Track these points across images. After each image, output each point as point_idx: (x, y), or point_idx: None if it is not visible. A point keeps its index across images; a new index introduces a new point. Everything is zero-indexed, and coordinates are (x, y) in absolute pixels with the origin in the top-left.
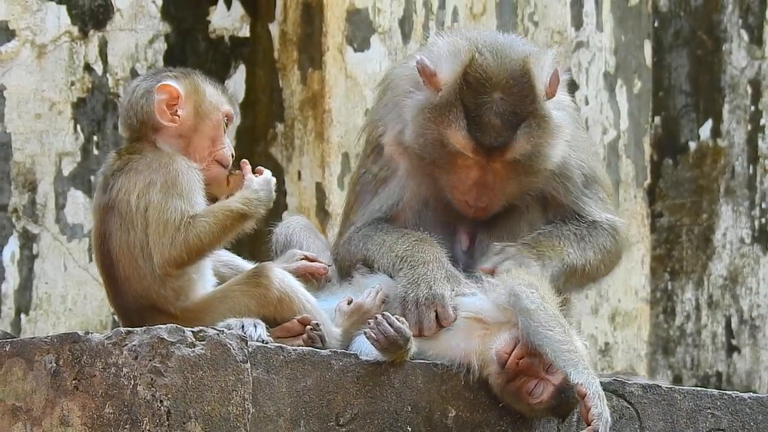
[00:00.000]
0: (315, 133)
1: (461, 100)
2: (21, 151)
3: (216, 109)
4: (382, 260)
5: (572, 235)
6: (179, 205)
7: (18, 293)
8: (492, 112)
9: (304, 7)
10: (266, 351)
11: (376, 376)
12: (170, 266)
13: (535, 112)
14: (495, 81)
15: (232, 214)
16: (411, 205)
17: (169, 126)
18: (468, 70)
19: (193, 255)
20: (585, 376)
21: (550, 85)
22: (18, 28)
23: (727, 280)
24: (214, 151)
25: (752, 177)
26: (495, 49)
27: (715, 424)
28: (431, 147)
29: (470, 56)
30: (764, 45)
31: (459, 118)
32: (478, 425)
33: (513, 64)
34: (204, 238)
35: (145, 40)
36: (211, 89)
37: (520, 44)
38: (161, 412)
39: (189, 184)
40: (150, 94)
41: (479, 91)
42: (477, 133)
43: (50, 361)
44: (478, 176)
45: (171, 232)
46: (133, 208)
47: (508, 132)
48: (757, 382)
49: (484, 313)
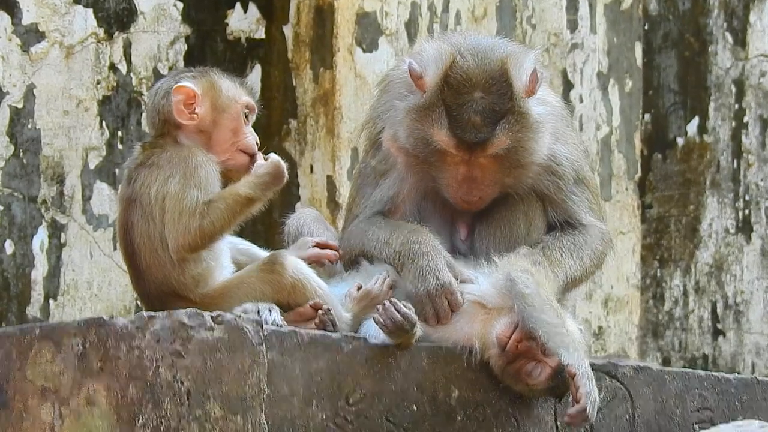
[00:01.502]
0: (326, 129)
1: (443, 101)
2: (50, 146)
3: (234, 101)
4: (381, 256)
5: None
6: (195, 194)
7: (47, 280)
8: (472, 111)
9: (316, 10)
10: (280, 334)
11: (384, 359)
12: (185, 251)
13: (514, 108)
14: (474, 81)
15: (240, 198)
16: (410, 197)
17: (188, 123)
18: (449, 72)
19: (207, 239)
20: (575, 357)
21: (530, 84)
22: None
23: (712, 268)
24: (237, 141)
25: (736, 171)
26: (476, 51)
27: (703, 403)
28: (421, 146)
29: (451, 59)
30: (748, 47)
31: (441, 117)
32: (480, 404)
33: (492, 65)
34: (216, 223)
35: (166, 41)
36: (228, 83)
37: (501, 47)
38: (181, 392)
39: (206, 176)
40: (169, 94)
41: (459, 91)
42: (458, 131)
43: (77, 344)
44: (465, 172)
45: (186, 218)
46: (152, 200)
47: (487, 128)
48: (741, 364)
49: (486, 298)
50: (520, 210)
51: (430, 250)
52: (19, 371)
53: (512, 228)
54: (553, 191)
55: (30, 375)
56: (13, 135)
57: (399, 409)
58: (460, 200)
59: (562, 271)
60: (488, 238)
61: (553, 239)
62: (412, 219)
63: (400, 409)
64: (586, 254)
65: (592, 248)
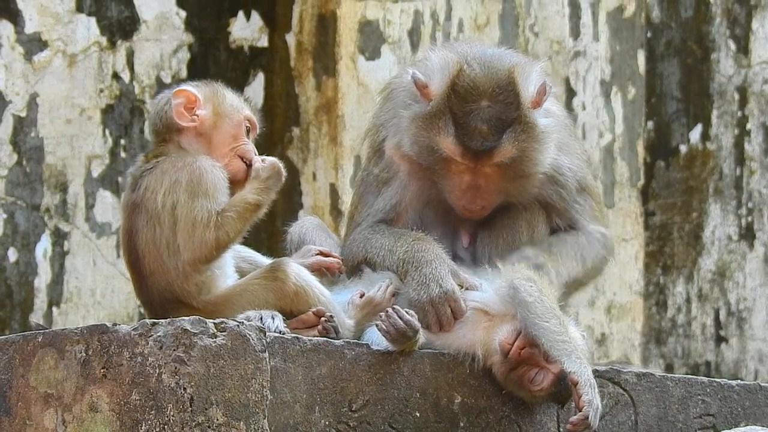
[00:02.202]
0: (329, 137)
1: (450, 109)
2: (53, 154)
3: (237, 111)
4: (384, 263)
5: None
6: (205, 204)
7: (50, 287)
8: (479, 119)
9: (318, 18)
10: (283, 341)
11: (387, 365)
12: (200, 263)
13: (520, 118)
14: (482, 90)
15: (250, 206)
16: (413, 204)
17: (189, 126)
18: (456, 81)
19: (221, 250)
20: (577, 365)
21: (537, 95)
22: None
23: (715, 275)
24: (236, 146)
25: (739, 178)
26: (483, 60)
27: (705, 409)
28: (426, 154)
29: (459, 68)
30: (750, 54)
31: (448, 125)
32: (483, 410)
33: (499, 74)
34: (230, 233)
35: (169, 50)
36: (232, 95)
37: (508, 56)
38: (184, 399)
39: (213, 183)
40: (170, 100)
41: (467, 100)
42: (465, 139)
43: (80, 350)
44: (470, 180)
45: (200, 231)
46: (159, 206)
47: (494, 137)
48: (743, 371)
49: (489, 305)
50: (523, 218)
51: (433, 258)
52: (22, 378)
53: (515, 236)
54: (556, 200)
55: (33, 381)
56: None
57: (402, 416)
58: (463, 208)
59: (565, 270)
60: (491, 246)
61: (555, 239)
62: (414, 227)
63: (403, 416)
64: (588, 256)
65: (595, 251)
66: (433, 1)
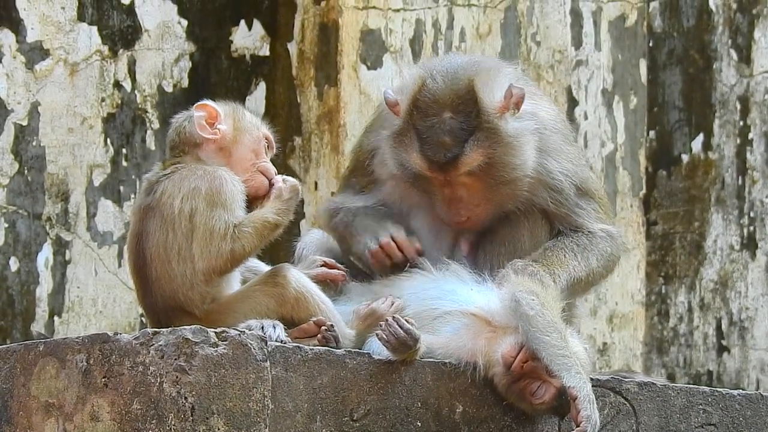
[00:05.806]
0: (330, 146)
1: (413, 125)
2: (54, 163)
3: (256, 128)
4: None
5: (575, 246)
6: (223, 216)
7: (51, 297)
8: (440, 131)
9: (320, 27)
10: (285, 350)
11: (388, 374)
12: (214, 273)
13: (482, 125)
14: (442, 102)
15: (269, 224)
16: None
17: (210, 139)
18: (418, 96)
19: (236, 263)
20: (577, 380)
21: (505, 100)
22: (52, 47)
23: (717, 285)
24: (257, 162)
25: (741, 187)
26: (446, 72)
27: (707, 419)
28: (404, 171)
29: (421, 83)
30: (752, 63)
31: (413, 140)
32: (484, 420)
33: (459, 84)
34: (246, 247)
35: (171, 58)
36: (251, 115)
37: (473, 66)
38: (186, 408)
39: (232, 194)
40: (192, 117)
41: (428, 114)
42: (429, 152)
43: (81, 360)
44: (450, 193)
45: (217, 242)
46: (176, 211)
47: (457, 147)
48: (745, 380)
49: (492, 315)
50: (525, 227)
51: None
52: (24, 387)
53: (516, 244)
54: (554, 206)
55: (34, 391)
56: (18, 152)
57: (403, 425)
58: (451, 221)
59: (566, 272)
60: (491, 255)
61: (550, 243)
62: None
63: (405, 425)
64: (592, 255)
65: (599, 249)
66: (435, 11)
